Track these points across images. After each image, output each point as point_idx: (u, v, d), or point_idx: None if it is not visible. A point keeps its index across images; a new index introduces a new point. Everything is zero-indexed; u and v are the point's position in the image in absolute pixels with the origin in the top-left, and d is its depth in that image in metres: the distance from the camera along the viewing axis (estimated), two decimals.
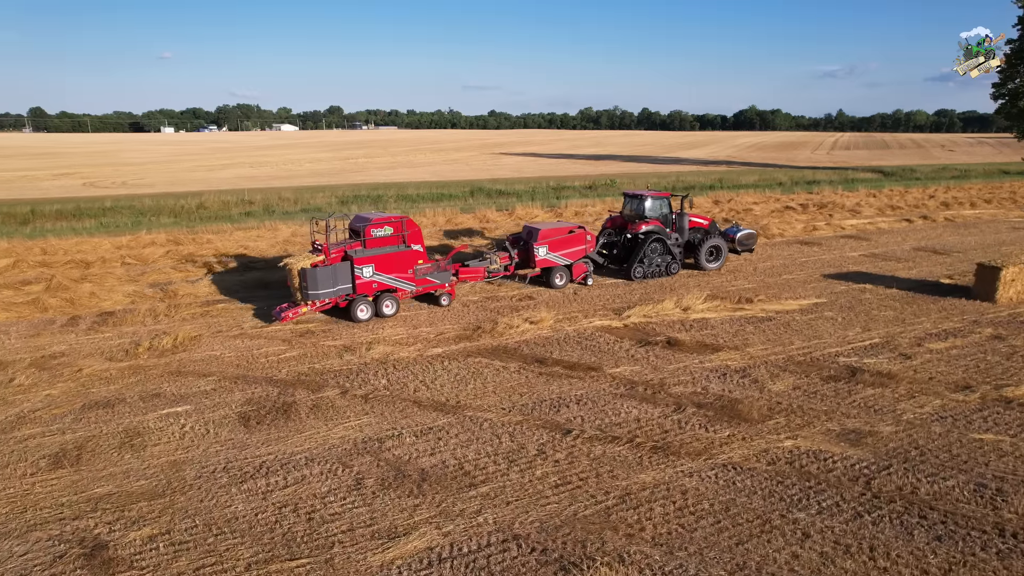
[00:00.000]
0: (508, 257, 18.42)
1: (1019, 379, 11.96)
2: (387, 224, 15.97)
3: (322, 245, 15.65)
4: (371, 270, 15.51)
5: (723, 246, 21.00)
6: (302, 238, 25.63)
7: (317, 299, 15.19)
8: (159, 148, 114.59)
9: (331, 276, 15.14)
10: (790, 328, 15.02)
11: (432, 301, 17.31)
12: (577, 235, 18.78)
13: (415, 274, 16.33)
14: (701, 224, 21.31)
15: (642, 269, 19.65)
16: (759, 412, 10.65)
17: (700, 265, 20.86)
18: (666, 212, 20.50)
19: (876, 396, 11.27)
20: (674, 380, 12.03)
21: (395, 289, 16.09)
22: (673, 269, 20.16)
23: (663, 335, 14.42)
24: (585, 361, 13.02)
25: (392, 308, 16.07)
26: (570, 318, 15.79)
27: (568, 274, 18.90)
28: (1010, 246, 24.15)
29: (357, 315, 15.51)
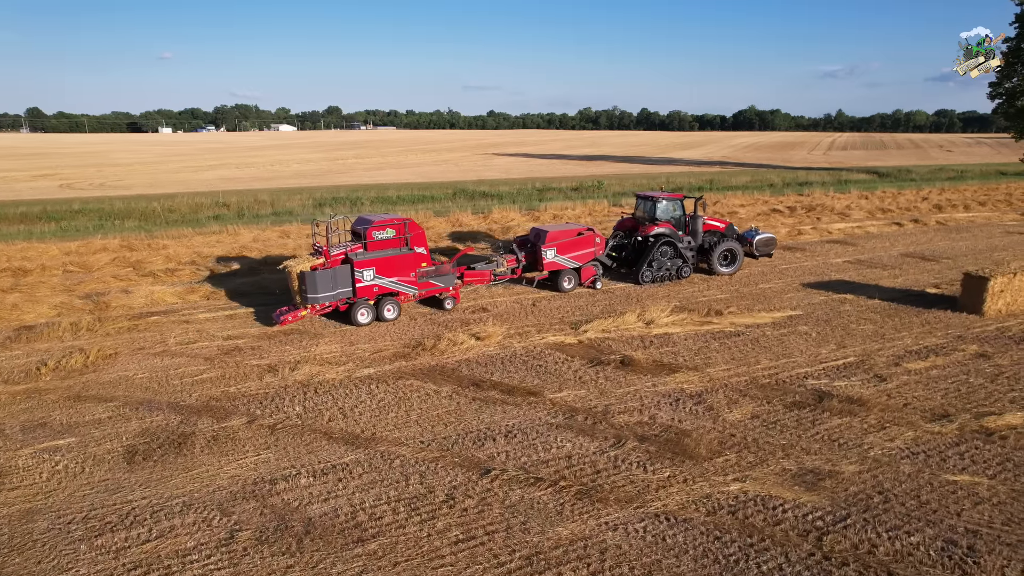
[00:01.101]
0: (515, 260, 17.98)
1: (1002, 406, 10.77)
2: (389, 226, 15.56)
3: (323, 247, 15.22)
4: (372, 273, 15.17)
5: (738, 250, 20.04)
6: (262, 243, 24.49)
7: (317, 303, 14.88)
8: (151, 149, 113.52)
9: (331, 279, 14.82)
10: (759, 345, 13.83)
11: (437, 304, 16.81)
12: (586, 237, 18.19)
13: (418, 277, 15.93)
14: (717, 227, 20.41)
15: (651, 273, 18.98)
16: (708, 447, 9.46)
17: (713, 269, 19.91)
18: (679, 214, 19.76)
19: (843, 427, 10.08)
20: (620, 407, 10.85)
21: (397, 293, 15.72)
22: (684, 273, 19.42)
23: (618, 353, 13.23)
24: (526, 384, 11.84)
25: (394, 312, 15.65)
26: (522, 333, 14.60)
27: (576, 277, 18.35)
28: (1002, 252, 22.94)
29: (358, 319, 15.14)
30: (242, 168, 67.98)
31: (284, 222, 29.87)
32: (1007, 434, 9.76)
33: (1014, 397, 11.14)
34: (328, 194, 42.29)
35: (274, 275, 19.69)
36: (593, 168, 67.41)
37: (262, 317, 16.00)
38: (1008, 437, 9.68)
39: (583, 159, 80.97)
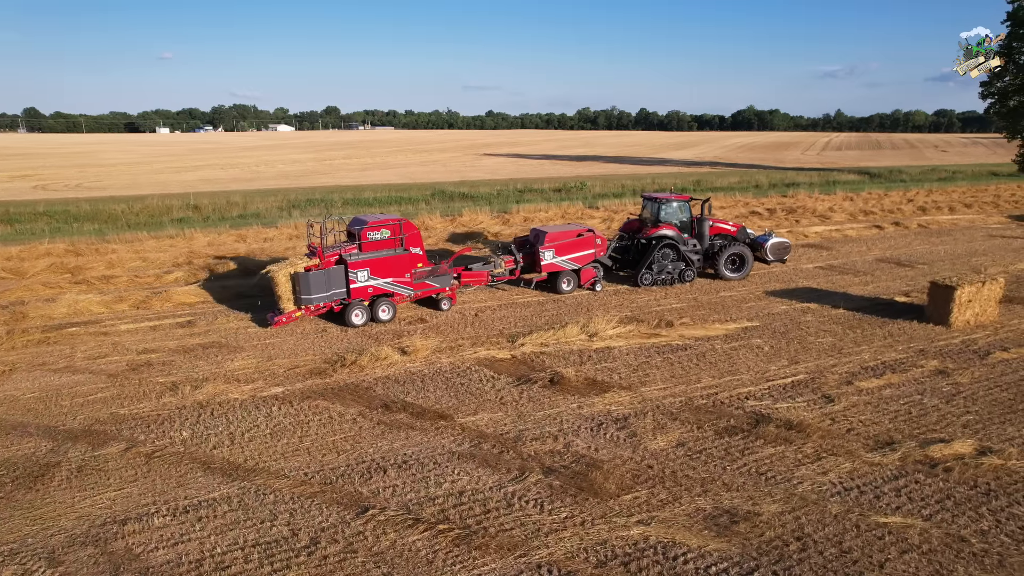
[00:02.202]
0: (513, 261, 17.65)
1: (953, 431, 9.82)
2: (384, 227, 15.40)
3: (317, 248, 15.02)
4: (366, 274, 15.05)
5: (747, 255, 19.25)
6: (215, 248, 23.59)
7: (311, 304, 14.80)
8: (141, 149, 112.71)
9: (325, 280, 14.71)
10: (704, 360, 12.89)
11: (433, 305, 16.56)
12: (586, 239, 17.85)
13: (413, 278, 15.74)
14: (727, 230, 19.66)
15: (650, 276, 18.55)
16: (618, 482, 8.52)
17: (719, 274, 19.17)
18: (685, 217, 19.18)
19: (774, 457, 9.14)
20: (535, 433, 9.91)
21: (392, 294, 15.57)
22: (688, 277, 18.82)
23: (550, 370, 12.29)
24: (440, 406, 10.90)
25: (388, 313, 15.48)
26: (453, 347, 13.67)
27: (576, 279, 18.05)
28: (981, 257, 21.97)
29: (351, 320, 15.01)
30: (226, 169, 67.12)
31: (246, 225, 28.95)
32: (952, 465, 8.81)
33: (968, 421, 10.19)
34: (303, 196, 41.44)
35: (218, 282, 18.80)
36: (582, 168, 66.48)
37: (188, 328, 15.10)
38: (952, 469, 8.73)
39: (574, 159, 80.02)
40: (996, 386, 11.56)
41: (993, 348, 13.42)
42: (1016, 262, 21.08)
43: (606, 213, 30.90)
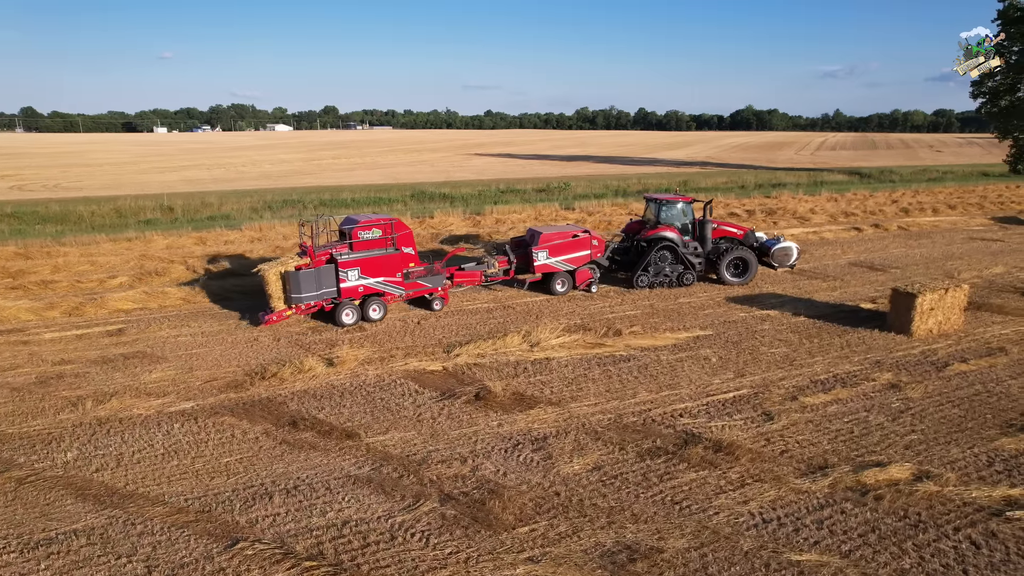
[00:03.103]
0: (507, 261, 17.48)
1: (892, 454, 9.14)
2: (375, 227, 15.35)
3: (308, 247, 15.09)
4: (356, 273, 15.00)
5: (750, 259, 18.51)
6: (172, 251, 22.94)
7: (301, 303, 14.73)
8: (132, 148, 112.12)
9: (315, 279, 14.65)
10: (645, 373, 12.21)
11: (426, 305, 16.45)
12: (581, 240, 17.59)
13: (405, 278, 15.66)
14: (733, 233, 19.08)
15: (647, 278, 18.15)
16: (518, 511, 7.85)
17: (722, 279, 18.53)
18: (688, 219, 18.72)
19: (695, 484, 8.46)
20: (444, 455, 9.24)
21: (382, 293, 15.49)
22: (687, 280, 18.38)
23: (479, 383, 11.62)
24: (351, 424, 10.24)
25: (379, 312, 15.44)
26: (384, 358, 13.00)
27: (570, 280, 17.73)
28: (957, 261, 21.27)
29: (342, 319, 14.96)
30: (211, 169, 66.47)
31: (211, 227, 28.28)
32: (883, 493, 8.13)
33: (911, 441, 9.51)
34: (281, 196, 40.81)
35: (163, 287, 18.15)
36: (571, 169, 65.80)
37: (116, 336, 14.45)
38: (883, 498, 8.05)
39: (564, 160, 79.31)
40: (948, 402, 10.88)
41: (952, 359, 12.73)
42: (992, 266, 20.38)
43: (580, 215, 30.20)
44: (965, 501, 8.00)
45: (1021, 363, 12.56)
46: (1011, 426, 9.99)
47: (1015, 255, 22.13)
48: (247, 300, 17.26)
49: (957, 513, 7.77)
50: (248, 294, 17.75)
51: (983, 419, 10.24)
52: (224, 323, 15.47)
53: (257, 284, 18.39)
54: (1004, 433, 9.76)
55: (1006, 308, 15.87)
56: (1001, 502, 7.98)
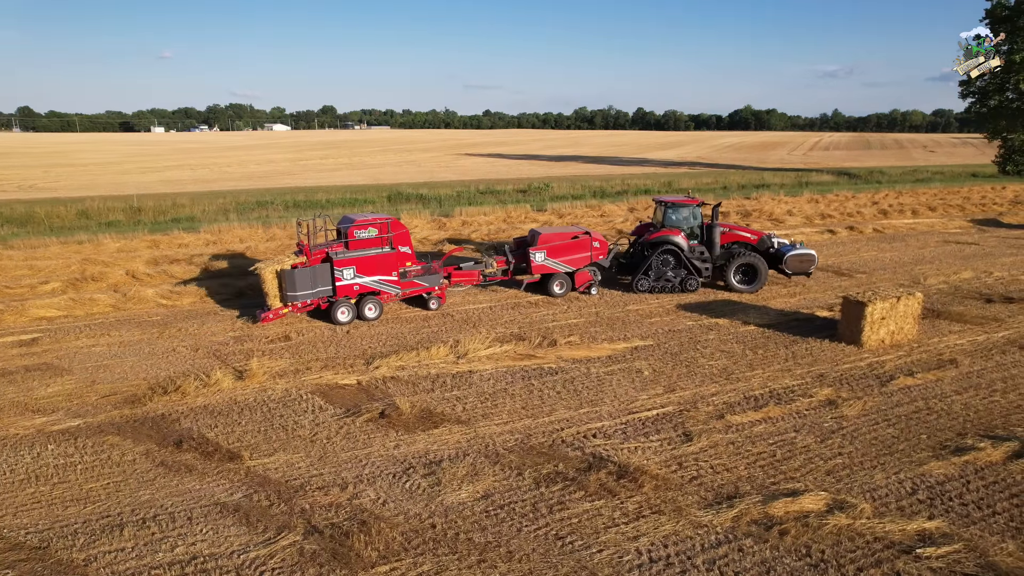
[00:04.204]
0: (505, 261, 17.38)
1: (811, 481, 8.45)
2: (371, 226, 15.45)
3: (305, 246, 15.19)
4: (352, 272, 15.05)
5: (759, 266, 17.66)
6: (122, 255, 22.28)
7: (296, 301, 14.83)
8: (122, 148, 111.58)
9: (310, 278, 14.79)
10: (570, 387, 11.53)
11: (422, 304, 16.46)
12: (581, 241, 17.36)
13: (401, 277, 15.68)
14: (745, 238, 18.39)
15: (647, 282, 17.69)
16: (384, 547, 7.16)
17: (729, 286, 17.83)
18: (696, 222, 18.21)
19: (587, 515, 7.77)
20: (326, 480, 8.56)
21: (378, 292, 15.51)
22: (691, 286, 17.72)
23: (388, 399, 10.94)
24: (239, 444, 9.56)
25: (375, 311, 15.49)
26: (299, 371, 12.32)
27: (569, 282, 17.51)
28: (927, 265, 20.55)
29: (337, 318, 15.03)
30: (195, 170, 65.89)
31: (171, 230, 27.63)
32: (790, 527, 7.44)
33: (834, 466, 8.82)
34: (255, 197, 40.19)
35: (96, 293, 17.48)
36: (558, 169, 65.15)
37: (28, 347, 13.79)
38: (788, 532, 7.37)
39: (553, 160, 78.65)
40: (884, 420, 10.20)
41: (899, 373, 12.05)
42: (961, 271, 19.67)
43: (551, 216, 29.54)
44: (876, 536, 7.31)
45: (970, 376, 11.88)
46: (944, 448, 9.30)
47: (987, 259, 21.41)
48: (180, 307, 16.63)
49: (864, 551, 7.08)
50: (183, 300, 17.12)
51: (917, 440, 9.56)
52: (147, 332, 14.81)
53: (194, 291, 17.81)
54: (936, 456, 9.08)
55: (966, 316, 15.18)
56: (914, 536, 7.30)
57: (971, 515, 7.74)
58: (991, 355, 12.87)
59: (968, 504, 7.97)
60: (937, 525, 7.48)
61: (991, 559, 6.92)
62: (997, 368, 12.21)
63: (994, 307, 16.03)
